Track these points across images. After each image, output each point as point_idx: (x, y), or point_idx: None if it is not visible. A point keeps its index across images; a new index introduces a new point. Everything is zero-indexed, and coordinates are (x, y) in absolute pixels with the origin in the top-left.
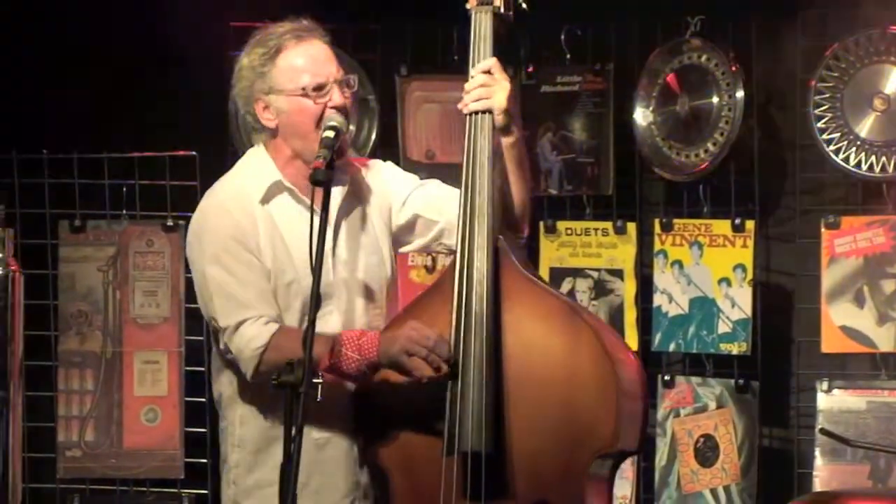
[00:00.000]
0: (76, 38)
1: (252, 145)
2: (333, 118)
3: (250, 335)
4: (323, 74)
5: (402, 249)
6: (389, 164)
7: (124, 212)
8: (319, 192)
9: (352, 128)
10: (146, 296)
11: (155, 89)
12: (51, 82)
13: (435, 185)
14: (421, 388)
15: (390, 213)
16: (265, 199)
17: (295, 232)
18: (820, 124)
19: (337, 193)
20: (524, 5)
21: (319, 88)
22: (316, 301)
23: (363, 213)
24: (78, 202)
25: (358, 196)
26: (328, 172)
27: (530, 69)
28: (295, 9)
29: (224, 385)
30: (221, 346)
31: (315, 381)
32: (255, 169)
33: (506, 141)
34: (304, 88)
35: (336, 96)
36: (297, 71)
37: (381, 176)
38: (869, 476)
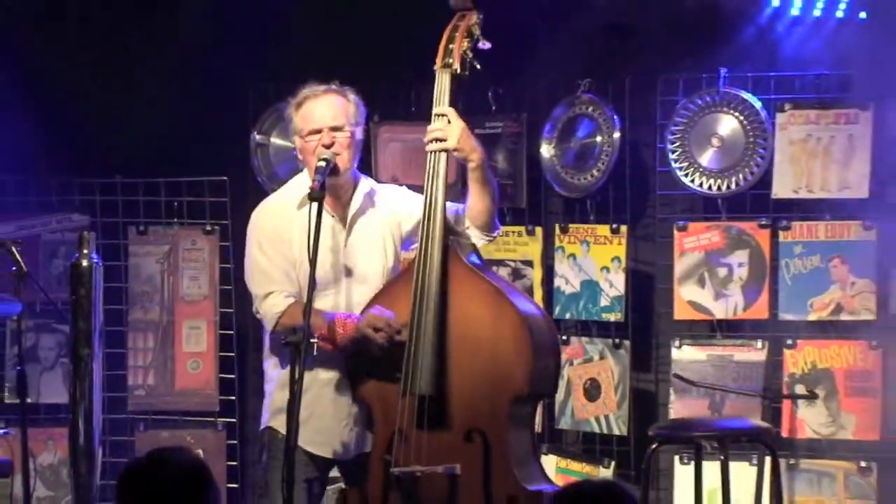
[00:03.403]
0: (140, 87)
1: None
2: (323, 153)
3: (273, 303)
4: (318, 123)
5: (413, 247)
6: (403, 188)
7: (175, 220)
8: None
9: (351, 162)
10: (191, 280)
11: (198, 129)
12: (121, 125)
13: None
14: (390, 351)
15: (400, 223)
16: (301, 207)
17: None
18: (673, 156)
19: (355, 205)
20: (478, 66)
21: (314, 133)
22: (314, 286)
23: (374, 221)
24: (142, 213)
25: (372, 208)
26: (321, 192)
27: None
28: (297, 67)
29: (266, 342)
30: (254, 308)
31: (311, 340)
32: (298, 186)
33: (469, 166)
34: (301, 131)
35: (324, 138)
36: (303, 119)
37: (395, 196)
38: (709, 407)
